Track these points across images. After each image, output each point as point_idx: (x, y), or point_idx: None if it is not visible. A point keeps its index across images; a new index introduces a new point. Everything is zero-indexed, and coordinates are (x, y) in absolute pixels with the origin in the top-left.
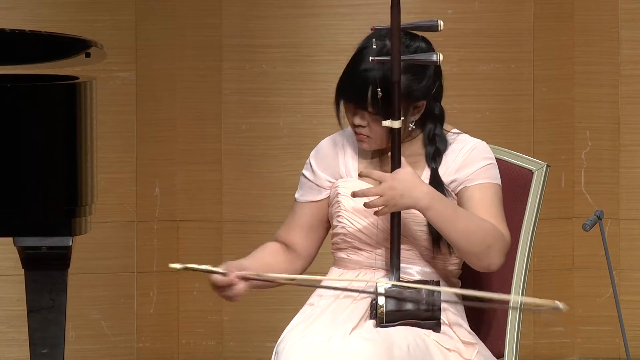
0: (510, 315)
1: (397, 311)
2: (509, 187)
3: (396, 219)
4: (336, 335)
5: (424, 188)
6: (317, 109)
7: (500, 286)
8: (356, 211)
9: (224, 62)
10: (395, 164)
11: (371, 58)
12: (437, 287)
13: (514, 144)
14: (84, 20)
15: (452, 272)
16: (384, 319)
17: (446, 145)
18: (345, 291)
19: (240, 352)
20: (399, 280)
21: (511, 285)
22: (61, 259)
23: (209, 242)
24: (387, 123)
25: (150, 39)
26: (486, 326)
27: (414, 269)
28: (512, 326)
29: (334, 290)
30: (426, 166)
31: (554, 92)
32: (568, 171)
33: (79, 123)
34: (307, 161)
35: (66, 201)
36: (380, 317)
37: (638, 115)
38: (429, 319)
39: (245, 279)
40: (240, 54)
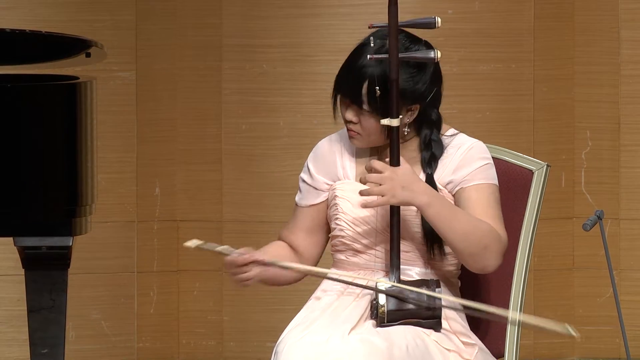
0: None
1: (398, 310)
2: (509, 187)
3: (395, 218)
4: (335, 335)
5: (423, 185)
6: (317, 109)
7: (501, 286)
8: (354, 214)
9: (224, 62)
10: (395, 162)
11: (369, 56)
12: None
13: (514, 144)
14: (84, 20)
15: (451, 272)
16: (385, 318)
17: (442, 150)
18: (359, 287)
19: (240, 352)
20: (399, 281)
21: (511, 285)
22: (61, 259)
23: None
24: (386, 121)
25: (151, 39)
26: (486, 326)
27: (414, 270)
28: (512, 326)
29: (343, 284)
30: (421, 171)
31: (554, 92)
32: (568, 171)
33: (79, 123)
34: (305, 164)
35: (66, 201)
36: (381, 317)
37: (638, 115)
38: (429, 318)
39: (260, 263)
40: (240, 54)
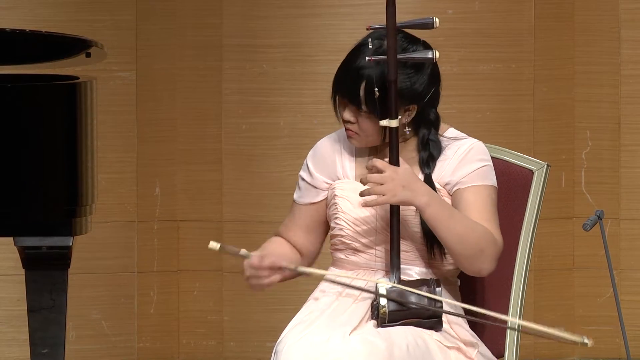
0: (511, 315)
1: (399, 311)
2: (509, 187)
3: (395, 218)
4: (336, 335)
5: (423, 186)
6: (317, 109)
7: (501, 286)
8: (354, 213)
9: (224, 62)
10: (394, 163)
11: (367, 58)
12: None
13: (514, 143)
14: (84, 20)
15: (451, 272)
16: (386, 319)
17: (440, 151)
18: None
19: (240, 352)
20: (399, 280)
21: (511, 286)
22: (61, 259)
23: (209, 242)
24: (385, 122)
25: (151, 39)
26: (486, 326)
27: (414, 269)
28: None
29: (357, 290)
30: (420, 172)
31: (555, 92)
32: (568, 171)
33: (79, 123)
34: (305, 163)
35: (66, 201)
36: (382, 317)
37: (638, 115)
38: (430, 317)
39: (286, 269)
40: (240, 53)
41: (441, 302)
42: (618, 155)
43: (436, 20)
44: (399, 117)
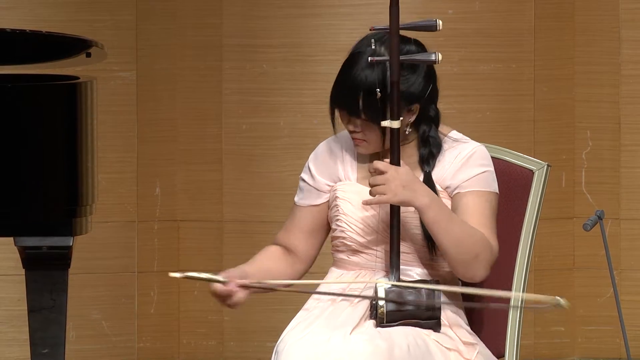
0: (511, 315)
1: (397, 311)
2: (510, 187)
3: (396, 218)
4: (336, 335)
5: (423, 187)
6: (317, 109)
7: (501, 286)
8: (355, 215)
9: (224, 62)
10: (395, 163)
11: (370, 58)
12: (436, 285)
13: (514, 143)
14: (84, 20)
15: (451, 273)
16: (384, 319)
17: (440, 148)
18: (344, 296)
19: (240, 352)
20: (399, 281)
21: (512, 285)
22: (62, 259)
23: (209, 242)
24: (386, 123)
25: (151, 39)
26: (486, 326)
27: (414, 270)
28: (512, 326)
29: (332, 295)
30: (420, 172)
31: (555, 92)
32: (569, 171)
33: (80, 123)
34: (306, 165)
35: (67, 201)
36: (380, 317)
37: (638, 115)
38: (429, 318)
39: (245, 287)
40: (240, 54)
41: (439, 299)
42: (618, 155)
43: (439, 22)
44: (402, 118)
